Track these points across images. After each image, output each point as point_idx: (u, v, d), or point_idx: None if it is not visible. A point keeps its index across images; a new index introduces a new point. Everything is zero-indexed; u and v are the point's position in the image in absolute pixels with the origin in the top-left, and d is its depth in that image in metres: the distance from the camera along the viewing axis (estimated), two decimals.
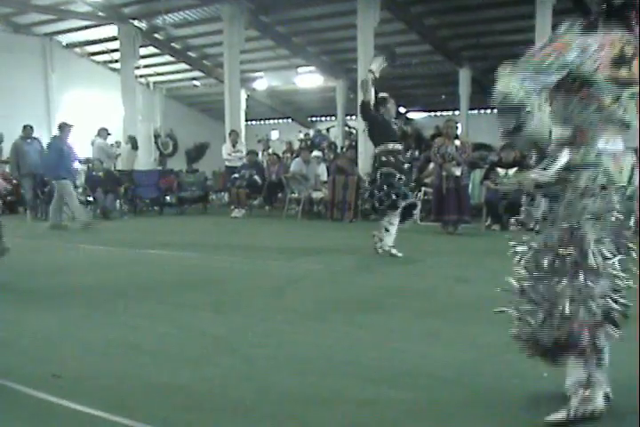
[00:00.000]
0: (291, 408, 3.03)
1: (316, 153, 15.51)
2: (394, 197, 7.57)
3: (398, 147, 7.90)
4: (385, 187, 7.59)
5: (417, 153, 15.35)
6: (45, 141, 13.36)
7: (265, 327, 4.50)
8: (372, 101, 7.97)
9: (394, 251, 7.63)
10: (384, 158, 7.72)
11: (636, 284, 2.90)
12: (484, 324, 4.51)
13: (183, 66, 21.86)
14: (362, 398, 3.11)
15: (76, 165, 13.23)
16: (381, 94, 8.15)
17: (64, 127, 12.07)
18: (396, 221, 7.69)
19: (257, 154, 15.57)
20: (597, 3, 2.82)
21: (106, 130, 15.35)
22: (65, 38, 20.77)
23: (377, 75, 7.92)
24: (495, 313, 3.18)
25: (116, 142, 16.51)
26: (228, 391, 3.22)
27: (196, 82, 23.08)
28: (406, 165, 8.15)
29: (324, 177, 13.87)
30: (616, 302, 2.86)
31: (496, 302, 4.90)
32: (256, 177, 14.51)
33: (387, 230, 7.69)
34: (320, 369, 3.56)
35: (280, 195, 15.12)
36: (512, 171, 10.97)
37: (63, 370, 3.52)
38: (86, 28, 19.60)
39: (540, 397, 3.11)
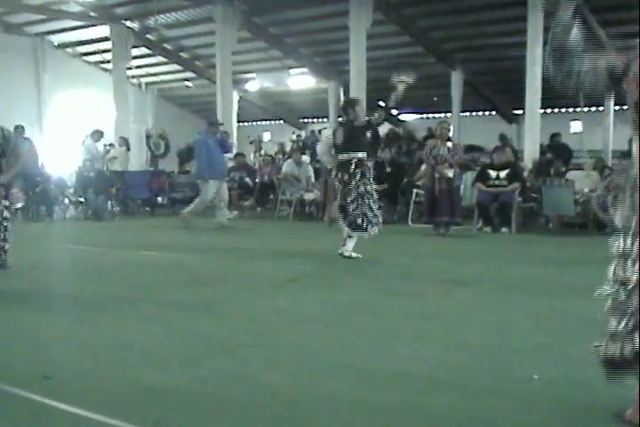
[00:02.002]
0: (283, 409, 3.03)
1: (304, 157, 15.51)
2: (364, 223, 7.55)
3: (362, 156, 7.70)
4: (359, 207, 7.56)
5: (409, 155, 15.38)
6: (37, 142, 13.31)
7: (257, 328, 4.49)
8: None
9: (354, 254, 7.66)
10: (356, 169, 7.59)
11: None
12: (477, 326, 4.53)
13: (175, 67, 21.84)
14: (354, 400, 3.11)
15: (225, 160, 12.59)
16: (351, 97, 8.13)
17: (212, 126, 11.73)
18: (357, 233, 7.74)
19: (244, 156, 15.54)
20: None
21: (100, 132, 15.30)
22: (57, 38, 20.72)
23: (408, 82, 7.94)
24: (486, 318, 3.17)
25: (110, 144, 16.45)
26: (221, 392, 3.21)
27: (188, 83, 23.05)
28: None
29: (312, 178, 13.91)
30: None
31: (487, 304, 4.93)
32: (246, 179, 14.51)
33: (350, 237, 7.72)
34: (312, 370, 3.56)
35: (272, 196, 15.12)
36: (503, 173, 11.01)
37: (54, 371, 3.51)
38: (78, 28, 19.56)
39: (530, 399, 3.12)
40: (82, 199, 14.15)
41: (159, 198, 15.58)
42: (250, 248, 9.11)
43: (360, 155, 7.65)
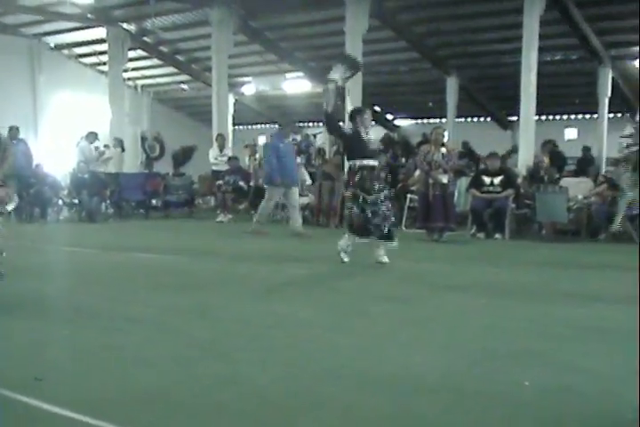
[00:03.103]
0: (275, 413, 3.03)
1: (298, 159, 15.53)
2: (371, 227, 7.52)
3: (372, 163, 7.62)
4: (370, 213, 7.51)
5: (403, 160, 15.41)
6: (32, 143, 13.27)
7: (250, 332, 4.49)
8: (345, 111, 7.94)
9: (342, 254, 7.69)
10: (358, 176, 7.57)
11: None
12: (470, 331, 4.54)
13: (171, 69, 21.86)
14: (346, 404, 3.11)
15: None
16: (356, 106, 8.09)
17: (285, 127, 11.38)
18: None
19: (238, 159, 15.54)
20: None
21: (94, 134, 15.29)
22: (53, 40, 20.71)
23: (340, 83, 7.66)
24: (479, 323, 3.19)
25: (105, 146, 16.45)
26: (213, 396, 3.21)
27: (183, 85, 23.07)
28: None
29: (307, 182, 13.94)
30: None
31: (480, 310, 4.94)
32: (241, 183, 14.51)
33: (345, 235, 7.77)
34: (305, 374, 3.56)
35: None
36: (497, 179, 11.04)
37: (45, 373, 3.50)
38: (75, 29, 19.55)
39: (520, 405, 3.13)
40: (76, 201, 14.13)
41: (153, 201, 15.56)
42: (244, 251, 9.11)
43: (372, 162, 7.65)
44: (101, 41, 19.34)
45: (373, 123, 8.07)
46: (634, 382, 3.42)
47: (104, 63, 20.22)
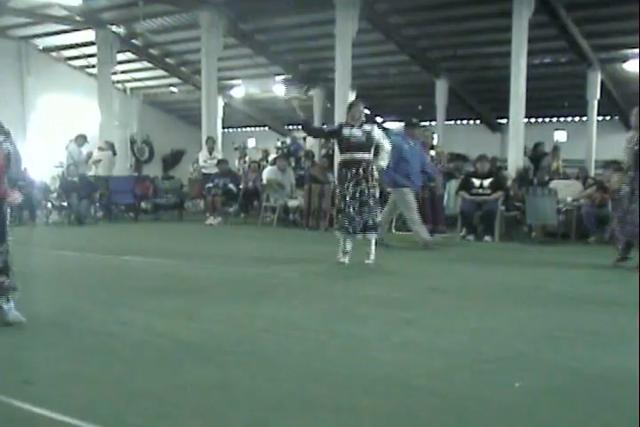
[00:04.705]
0: (264, 416, 3.02)
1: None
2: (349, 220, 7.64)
3: (356, 157, 7.63)
4: (350, 207, 7.64)
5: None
6: (20, 145, 13.17)
7: (239, 335, 4.48)
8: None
9: (340, 255, 7.80)
10: (339, 170, 7.75)
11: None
12: (459, 333, 4.54)
13: (161, 72, 21.80)
14: (336, 406, 3.11)
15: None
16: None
17: (413, 126, 10.07)
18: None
19: (227, 162, 15.53)
20: None
21: (84, 137, 15.25)
22: (42, 42, 20.63)
23: (301, 96, 7.83)
24: (468, 325, 3.19)
25: (99, 148, 16.41)
26: (202, 399, 3.20)
27: (173, 88, 23.03)
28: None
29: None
30: None
31: (470, 312, 4.94)
32: (230, 185, 14.50)
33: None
34: (294, 377, 3.55)
35: (256, 203, 15.11)
36: (487, 182, 11.06)
37: (34, 376, 3.49)
38: (63, 32, 19.47)
39: (511, 407, 3.13)
40: (65, 204, 14.07)
41: (143, 204, 15.53)
42: (234, 254, 9.09)
43: (355, 156, 7.67)
44: (90, 43, 19.27)
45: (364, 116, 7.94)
46: (623, 383, 3.43)
47: (93, 66, 20.16)
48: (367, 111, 8.04)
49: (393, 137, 9.59)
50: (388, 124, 21.17)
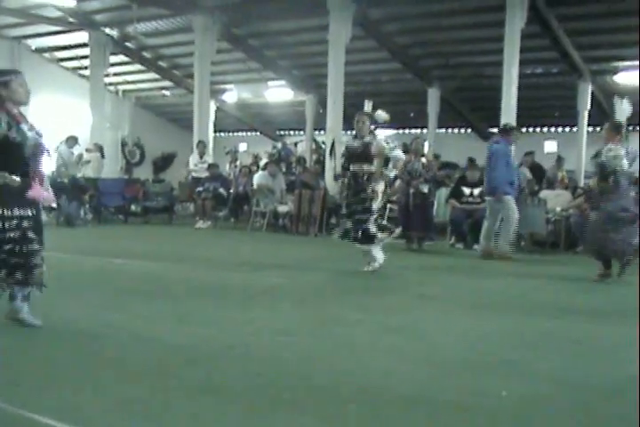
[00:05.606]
0: (251, 421, 3.02)
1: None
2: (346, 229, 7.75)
3: (354, 169, 7.75)
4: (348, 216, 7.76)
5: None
6: None
7: (227, 339, 4.48)
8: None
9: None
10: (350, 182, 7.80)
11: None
12: (446, 341, 4.56)
13: (153, 75, 21.76)
14: (322, 413, 3.11)
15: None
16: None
17: (510, 131, 9.74)
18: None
19: (218, 166, 15.53)
20: None
21: (75, 138, 15.19)
22: (34, 42, 20.57)
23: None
24: (456, 333, 3.20)
25: (87, 149, 16.36)
26: (188, 404, 3.20)
27: (165, 91, 23.00)
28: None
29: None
30: None
31: (456, 320, 4.95)
32: (221, 190, 14.49)
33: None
34: (281, 382, 3.55)
35: (246, 207, 15.11)
36: (477, 190, 11.09)
37: (22, 379, 3.48)
38: (56, 33, 19.43)
39: (497, 415, 3.14)
40: (54, 205, 13.98)
41: (133, 206, 15.49)
42: (223, 259, 9.09)
43: (354, 167, 7.74)
44: (83, 45, 19.24)
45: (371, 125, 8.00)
46: (608, 392, 3.45)
47: (86, 67, 20.10)
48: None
49: (495, 146, 9.60)
50: (378, 132, 21.20)
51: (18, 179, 4.47)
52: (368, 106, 8.08)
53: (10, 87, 4.52)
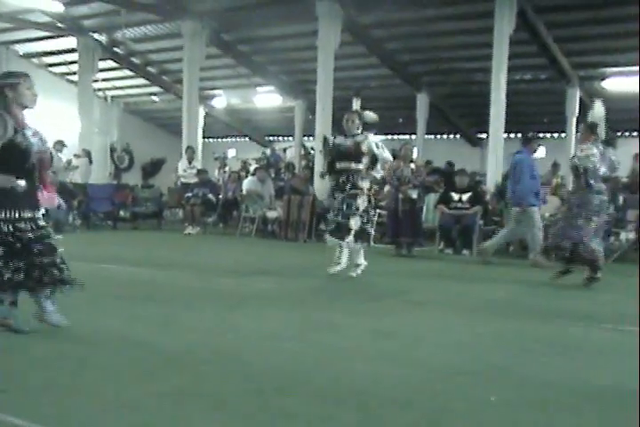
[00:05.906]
0: (238, 426, 3.00)
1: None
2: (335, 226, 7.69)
3: (341, 166, 7.70)
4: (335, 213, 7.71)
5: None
6: None
7: (215, 345, 4.46)
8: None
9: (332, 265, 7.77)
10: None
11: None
12: (435, 346, 4.55)
13: (142, 81, 21.78)
14: (312, 418, 3.10)
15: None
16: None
17: (531, 140, 9.61)
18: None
19: (207, 172, 15.51)
20: None
21: (62, 143, 15.16)
22: (22, 48, 20.54)
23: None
24: (445, 338, 3.19)
25: (75, 155, 16.31)
26: (177, 409, 3.18)
27: (154, 97, 23.00)
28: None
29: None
30: None
31: (445, 325, 4.95)
32: (209, 195, 14.47)
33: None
34: (270, 387, 3.53)
35: (235, 213, 15.09)
36: (466, 196, 11.12)
37: (8, 384, 3.45)
38: (45, 38, 19.41)
39: (486, 420, 3.14)
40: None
41: (121, 212, 15.44)
42: (211, 264, 9.07)
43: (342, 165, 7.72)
44: (72, 51, 19.21)
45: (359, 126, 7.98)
46: (596, 396, 3.45)
47: (74, 73, 20.08)
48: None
49: (517, 156, 9.55)
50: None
51: (23, 183, 4.50)
52: (356, 104, 8.08)
53: (17, 90, 4.50)
